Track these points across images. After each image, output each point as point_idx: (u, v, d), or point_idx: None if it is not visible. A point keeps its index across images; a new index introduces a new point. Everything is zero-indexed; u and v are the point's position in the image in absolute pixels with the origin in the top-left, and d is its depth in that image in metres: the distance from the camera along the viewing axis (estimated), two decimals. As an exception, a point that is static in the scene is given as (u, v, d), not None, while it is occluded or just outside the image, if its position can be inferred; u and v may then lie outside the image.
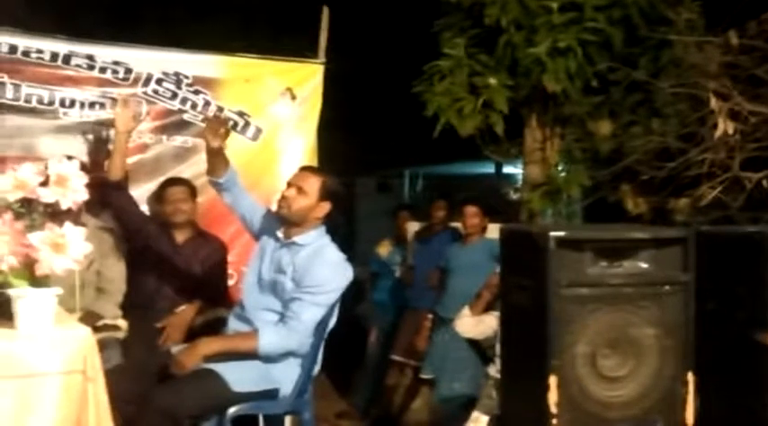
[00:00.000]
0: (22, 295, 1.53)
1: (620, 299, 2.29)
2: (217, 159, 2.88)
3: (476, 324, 3.83)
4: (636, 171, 3.97)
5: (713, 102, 3.53)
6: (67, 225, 1.59)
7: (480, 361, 3.85)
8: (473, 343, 3.90)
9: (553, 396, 2.17)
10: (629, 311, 2.29)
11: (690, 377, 2.33)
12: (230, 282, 3.63)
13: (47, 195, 1.59)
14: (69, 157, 1.99)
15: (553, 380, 2.17)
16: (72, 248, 1.58)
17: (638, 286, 2.32)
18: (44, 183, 1.63)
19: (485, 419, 3.20)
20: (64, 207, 1.62)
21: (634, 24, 4.14)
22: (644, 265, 2.33)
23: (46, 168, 1.62)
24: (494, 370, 3.57)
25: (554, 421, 2.18)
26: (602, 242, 2.33)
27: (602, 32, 4.12)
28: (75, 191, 1.62)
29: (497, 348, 3.66)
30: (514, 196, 6.23)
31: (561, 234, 2.24)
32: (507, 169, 7.17)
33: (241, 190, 2.97)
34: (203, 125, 3.69)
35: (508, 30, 4.22)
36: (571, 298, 2.22)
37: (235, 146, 3.76)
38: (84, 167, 2.04)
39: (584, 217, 4.84)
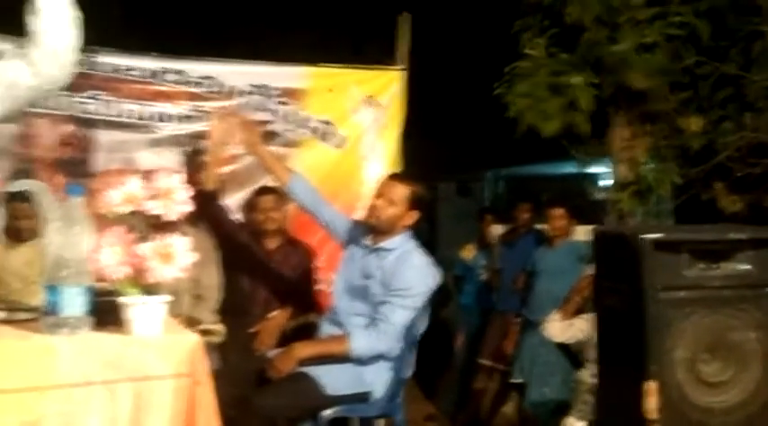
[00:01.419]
0: (134, 302, 1.61)
1: (718, 302, 2.22)
2: (270, 162, 2.98)
3: (565, 328, 3.77)
4: (729, 168, 3.83)
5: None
6: (174, 235, 1.66)
7: (570, 365, 3.79)
8: (562, 347, 3.84)
9: (652, 402, 2.12)
10: (728, 314, 2.22)
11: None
12: (319, 288, 3.72)
13: (154, 207, 1.67)
14: (170, 170, 2.09)
15: (652, 386, 2.12)
16: (179, 257, 1.65)
17: (738, 288, 2.24)
18: (151, 197, 1.71)
19: (578, 425, 3.15)
20: (170, 218, 1.70)
21: (722, 16, 4.00)
22: (743, 266, 2.25)
23: (150, 181, 1.70)
24: (585, 375, 3.51)
25: (653, 427, 2.13)
26: (699, 243, 2.26)
27: (688, 26, 3.98)
28: (180, 203, 1.70)
29: (588, 352, 3.60)
30: (600, 196, 6.09)
31: (657, 235, 2.19)
32: (591, 169, 7.02)
33: (317, 195, 3.02)
34: (292, 136, 3.82)
35: (590, 28, 4.15)
36: (668, 302, 2.17)
37: (320, 154, 3.87)
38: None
39: (674, 217, 4.69)
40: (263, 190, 3.56)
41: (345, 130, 3.94)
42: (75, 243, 1.57)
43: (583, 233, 4.42)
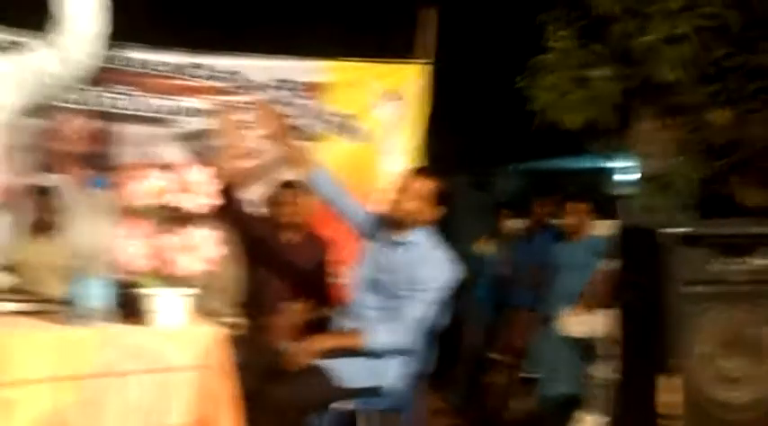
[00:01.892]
0: (159, 294, 1.64)
1: (740, 297, 2.21)
2: (294, 155, 2.99)
3: (580, 323, 3.75)
4: (755, 161, 3.78)
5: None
6: (198, 228, 1.69)
7: (583, 360, 3.77)
8: (577, 342, 3.82)
9: (672, 397, 2.11)
10: (747, 310, 2.20)
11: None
12: (337, 281, 3.73)
13: (181, 201, 1.69)
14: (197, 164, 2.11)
15: (672, 380, 2.11)
16: (204, 250, 1.68)
17: (760, 283, 2.22)
18: (177, 190, 1.73)
19: (590, 419, 3.13)
20: (196, 212, 1.72)
21: (752, 6, 3.93)
22: (766, 262, 2.23)
23: (177, 174, 1.72)
24: (598, 370, 3.48)
25: (672, 422, 2.12)
26: (723, 237, 2.25)
27: (718, 17, 3.93)
28: (207, 197, 1.72)
29: (602, 347, 3.58)
30: (617, 191, 6.04)
31: (682, 230, 2.19)
32: (610, 163, 6.96)
33: (338, 188, 3.02)
34: (314, 130, 3.84)
35: (621, 18, 4.10)
36: (690, 297, 2.16)
37: (341, 148, 3.88)
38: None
39: (698, 212, 4.63)
40: (284, 184, 3.58)
41: (367, 124, 3.95)
42: (101, 235, 1.60)
43: (602, 228, 4.39)
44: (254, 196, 3.72)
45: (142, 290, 1.68)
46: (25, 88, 2.03)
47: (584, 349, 3.75)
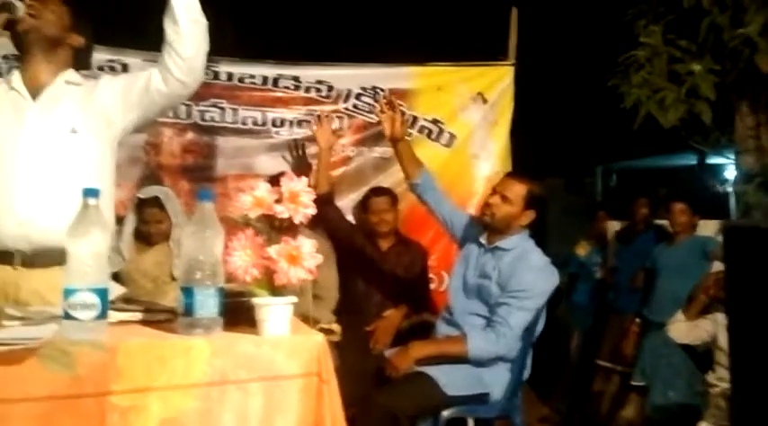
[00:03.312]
0: (265, 303, 1.66)
1: None
2: (407, 156, 3.01)
3: (691, 329, 3.59)
4: None
5: None
6: (301, 238, 1.70)
7: (696, 368, 3.61)
8: (687, 349, 3.66)
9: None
10: None
11: None
12: (431, 286, 3.72)
13: (282, 211, 1.71)
14: (282, 173, 2.15)
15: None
16: (306, 259, 1.69)
17: None
18: (277, 200, 1.75)
19: (712, 431, 2.99)
20: (296, 221, 1.73)
21: None
22: None
23: (280, 185, 1.73)
24: (713, 378, 3.33)
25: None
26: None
27: (822, 2, 3.71)
28: (305, 207, 1.73)
29: (717, 354, 3.42)
30: (723, 189, 5.77)
31: (798, 229, 2.05)
32: (712, 160, 6.66)
33: (439, 192, 3.04)
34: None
35: (711, 11, 3.94)
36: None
37: (429, 154, 3.86)
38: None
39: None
40: (376, 192, 3.60)
41: (454, 129, 3.93)
42: (209, 246, 1.62)
43: (707, 228, 4.21)
44: (345, 203, 3.76)
45: (249, 300, 1.70)
46: (133, 106, 2.11)
47: (699, 356, 3.59)
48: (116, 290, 1.99)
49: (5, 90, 2.07)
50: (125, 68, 3.40)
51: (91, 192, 1.51)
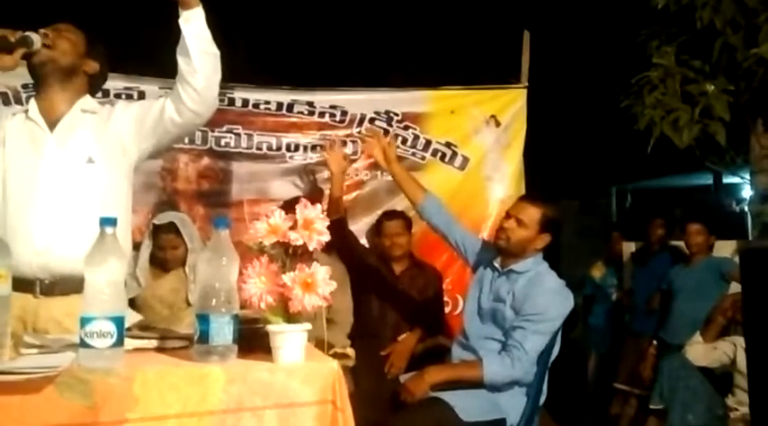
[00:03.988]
0: (279, 330, 1.66)
1: None
2: (405, 180, 3.03)
3: (709, 352, 3.55)
4: None
5: None
6: (315, 264, 1.70)
7: (716, 391, 3.56)
8: (706, 372, 3.62)
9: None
10: None
11: None
12: (446, 309, 3.71)
13: (296, 238, 1.71)
14: (297, 198, 2.16)
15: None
16: (320, 286, 1.69)
17: None
18: (292, 227, 1.76)
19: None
20: (310, 248, 1.74)
21: None
22: None
23: (289, 210, 1.74)
24: (733, 402, 3.29)
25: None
26: None
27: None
28: (320, 233, 1.74)
29: (735, 377, 3.37)
30: (739, 209, 5.73)
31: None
32: (728, 180, 6.63)
33: (449, 216, 3.03)
34: (414, 160, 3.86)
35: (724, 31, 3.94)
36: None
37: (443, 176, 3.88)
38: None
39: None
40: (389, 215, 3.61)
41: (467, 152, 3.94)
42: (224, 273, 1.63)
43: (723, 248, 4.17)
44: (359, 227, 3.77)
45: (264, 327, 1.71)
46: (147, 135, 2.13)
47: (717, 379, 3.54)
48: (132, 317, 2.00)
49: (23, 119, 2.10)
50: (141, 96, 3.45)
51: (108, 221, 1.53)
